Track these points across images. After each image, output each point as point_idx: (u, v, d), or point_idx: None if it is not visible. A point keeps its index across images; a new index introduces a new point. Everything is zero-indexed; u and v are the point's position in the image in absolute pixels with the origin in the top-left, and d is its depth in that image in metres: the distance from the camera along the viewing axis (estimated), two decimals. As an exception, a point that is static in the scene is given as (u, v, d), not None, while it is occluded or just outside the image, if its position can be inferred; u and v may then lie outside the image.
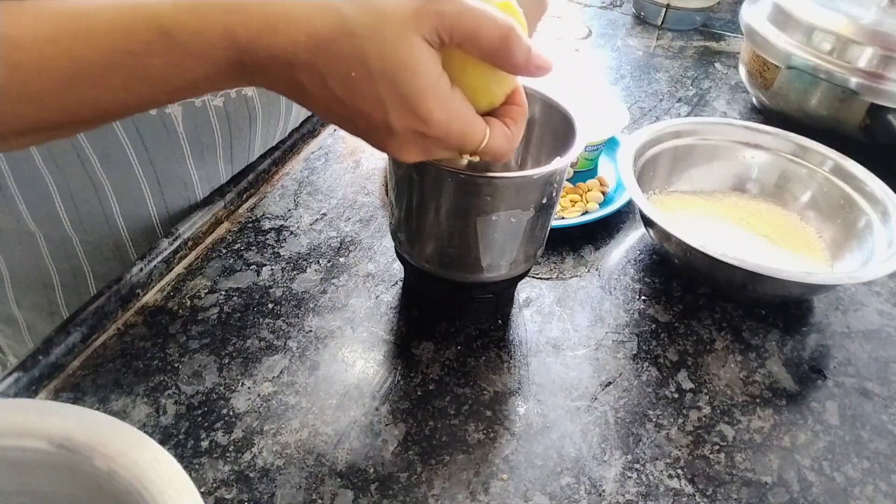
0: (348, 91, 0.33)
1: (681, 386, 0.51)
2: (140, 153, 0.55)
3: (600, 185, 0.70)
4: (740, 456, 0.47)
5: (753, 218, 0.66)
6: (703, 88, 0.92)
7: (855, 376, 0.54)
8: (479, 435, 0.46)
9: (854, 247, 0.61)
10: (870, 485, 0.46)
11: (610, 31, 1.07)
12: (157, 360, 0.49)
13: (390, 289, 0.57)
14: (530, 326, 0.55)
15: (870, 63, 0.73)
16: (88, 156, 0.54)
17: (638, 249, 0.64)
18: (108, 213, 0.58)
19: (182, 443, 0.44)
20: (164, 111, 0.53)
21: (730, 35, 1.08)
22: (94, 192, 0.56)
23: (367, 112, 0.34)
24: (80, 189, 0.56)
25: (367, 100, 0.33)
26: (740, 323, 0.57)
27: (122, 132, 0.53)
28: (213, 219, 0.61)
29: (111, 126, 0.52)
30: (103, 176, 0.56)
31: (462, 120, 0.35)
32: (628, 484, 0.44)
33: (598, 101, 0.75)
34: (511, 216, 0.45)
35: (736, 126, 0.69)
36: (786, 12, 0.79)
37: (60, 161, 0.54)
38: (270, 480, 0.43)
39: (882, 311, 0.60)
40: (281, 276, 0.57)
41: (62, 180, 0.55)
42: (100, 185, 0.56)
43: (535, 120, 0.52)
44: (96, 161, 0.54)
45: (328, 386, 0.49)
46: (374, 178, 0.69)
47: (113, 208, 0.58)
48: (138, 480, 0.30)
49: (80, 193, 0.56)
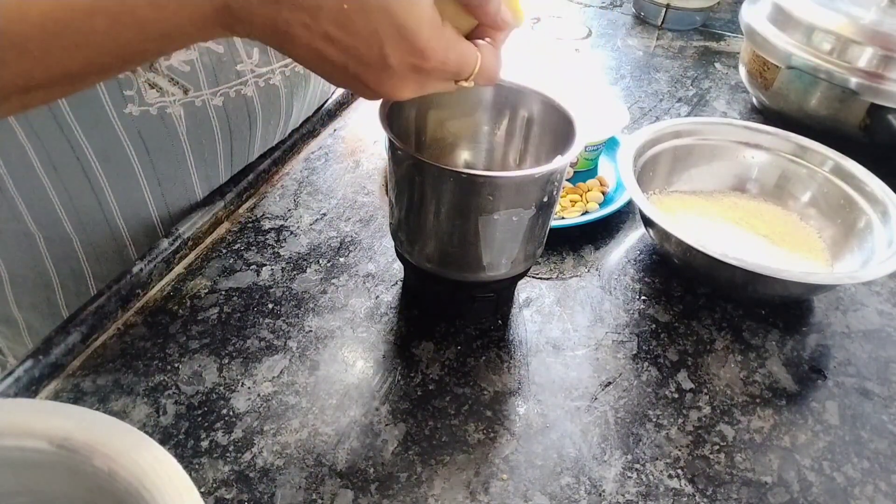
0: (340, 27, 0.32)
1: (681, 386, 0.51)
2: (141, 154, 0.55)
3: (600, 185, 0.70)
4: (740, 456, 0.47)
5: (753, 218, 0.66)
6: (703, 88, 0.92)
7: (855, 376, 0.54)
8: (479, 435, 0.46)
9: (854, 247, 0.61)
10: (870, 485, 0.46)
11: (610, 31, 1.07)
12: (157, 360, 0.49)
13: (390, 289, 0.57)
14: (530, 326, 0.55)
15: (870, 63, 0.73)
16: (87, 157, 0.54)
17: (638, 249, 0.64)
18: (108, 214, 0.58)
19: (182, 443, 0.44)
20: (164, 111, 0.53)
21: (730, 35, 1.08)
22: (94, 194, 0.56)
23: (361, 49, 0.33)
24: (80, 190, 0.56)
25: (360, 34, 0.32)
26: (740, 323, 0.57)
27: (123, 132, 0.53)
28: (213, 219, 0.61)
29: (112, 126, 0.52)
30: (102, 177, 0.56)
31: (457, 48, 0.35)
32: (628, 484, 0.44)
33: (598, 101, 0.75)
34: (513, 215, 0.45)
35: (736, 126, 0.69)
36: (786, 12, 0.79)
37: (59, 163, 0.54)
38: (270, 480, 0.43)
39: (882, 311, 0.60)
40: (281, 276, 0.57)
41: (60, 182, 0.55)
42: (99, 186, 0.56)
43: (535, 119, 0.52)
44: (95, 162, 0.54)
45: (328, 386, 0.49)
46: (374, 178, 0.69)
47: (113, 209, 0.58)
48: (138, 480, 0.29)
49: (80, 195, 0.56)
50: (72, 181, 0.55)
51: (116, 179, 0.56)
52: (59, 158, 0.54)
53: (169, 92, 0.52)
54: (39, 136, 0.52)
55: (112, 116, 0.52)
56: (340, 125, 0.76)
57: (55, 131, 0.52)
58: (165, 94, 0.52)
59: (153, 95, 0.52)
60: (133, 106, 0.52)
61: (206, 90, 0.54)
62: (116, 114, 0.52)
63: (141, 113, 0.52)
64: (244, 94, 0.58)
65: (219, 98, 0.56)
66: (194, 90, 0.54)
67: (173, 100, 0.53)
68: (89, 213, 0.58)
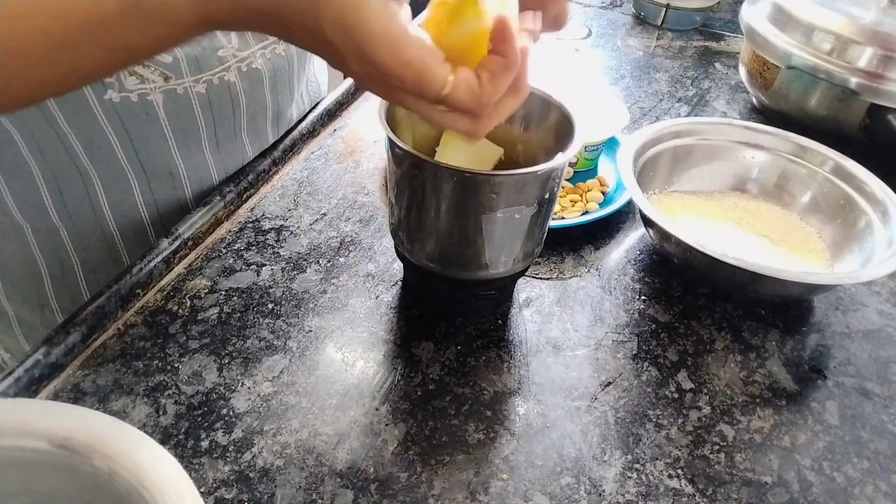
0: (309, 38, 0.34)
1: (681, 386, 0.51)
2: (123, 140, 0.56)
3: (600, 185, 0.70)
4: (740, 456, 0.47)
5: (753, 218, 0.66)
6: (703, 88, 0.92)
7: (855, 376, 0.54)
8: (479, 435, 0.46)
9: (854, 247, 0.61)
10: (870, 485, 0.46)
11: (610, 31, 1.07)
12: (157, 360, 0.49)
13: (390, 289, 0.57)
14: (530, 326, 0.55)
15: (870, 63, 0.73)
16: (72, 143, 0.54)
17: (638, 249, 0.64)
18: (94, 203, 0.59)
19: (182, 443, 0.44)
20: (145, 98, 0.54)
21: (730, 35, 1.08)
22: (81, 181, 0.57)
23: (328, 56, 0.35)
24: (66, 178, 0.56)
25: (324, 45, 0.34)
26: (740, 323, 0.57)
27: (105, 119, 0.53)
28: (213, 219, 0.61)
29: (93, 113, 0.53)
30: (88, 164, 0.56)
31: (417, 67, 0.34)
32: (628, 484, 0.44)
33: (598, 101, 0.75)
34: (515, 212, 0.45)
35: (736, 126, 0.69)
36: (786, 12, 0.79)
37: (45, 150, 0.54)
38: (270, 480, 0.43)
39: (882, 311, 0.60)
40: (281, 276, 0.57)
41: (48, 169, 0.56)
42: (85, 173, 0.56)
43: (535, 117, 0.52)
44: (80, 149, 0.55)
45: (328, 386, 0.49)
46: (374, 178, 0.69)
47: (99, 197, 0.58)
48: (138, 480, 0.29)
49: (66, 182, 0.57)
50: (58, 170, 0.56)
51: (101, 166, 0.57)
52: (45, 146, 0.54)
53: (149, 79, 0.53)
54: (26, 124, 0.53)
55: (93, 103, 0.52)
56: (340, 125, 0.76)
57: (40, 119, 0.52)
58: (145, 82, 0.53)
59: (133, 82, 0.53)
60: (113, 92, 0.52)
61: (188, 78, 0.55)
62: (97, 100, 0.52)
63: (121, 99, 0.53)
64: (227, 80, 0.58)
65: (202, 85, 0.56)
66: (175, 78, 0.54)
67: (153, 87, 0.54)
68: (76, 203, 0.58)
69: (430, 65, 0.34)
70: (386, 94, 0.37)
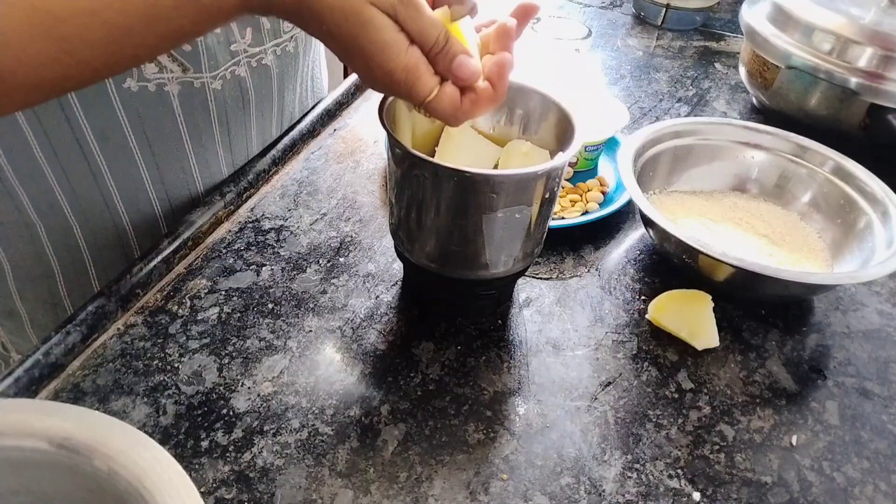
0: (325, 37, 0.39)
1: (681, 386, 0.51)
2: (138, 133, 0.56)
3: (600, 185, 0.70)
4: (740, 456, 0.47)
5: (753, 218, 0.66)
6: (703, 88, 0.92)
7: (855, 376, 0.54)
8: (479, 435, 0.46)
9: (854, 247, 0.61)
10: (870, 485, 0.46)
11: (610, 31, 1.07)
12: (157, 360, 0.49)
13: (390, 289, 0.57)
14: (530, 326, 0.55)
15: (870, 63, 0.73)
16: (87, 138, 0.54)
17: (638, 249, 0.64)
18: (107, 199, 0.59)
19: (182, 443, 0.44)
20: (162, 89, 0.54)
21: (730, 35, 1.08)
22: (93, 179, 0.57)
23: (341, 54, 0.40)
24: (79, 174, 0.56)
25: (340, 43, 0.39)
26: (740, 323, 0.57)
27: (121, 109, 0.54)
28: (213, 219, 0.61)
29: (110, 103, 0.53)
30: (101, 160, 0.56)
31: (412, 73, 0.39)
32: (628, 484, 0.44)
33: (598, 100, 0.75)
34: (515, 212, 0.45)
35: (736, 126, 0.69)
36: (786, 12, 0.79)
37: (58, 149, 0.54)
38: (270, 480, 0.43)
39: (882, 311, 0.60)
40: (281, 276, 0.57)
41: (60, 167, 0.56)
42: (98, 170, 0.56)
43: (535, 117, 0.52)
44: (94, 144, 0.55)
45: (328, 386, 0.49)
46: (374, 178, 0.69)
47: (112, 194, 0.58)
48: (138, 480, 0.30)
49: (79, 179, 0.57)
50: (71, 165, 0.56)
51: (115, 162, 0.57)
52: (58, 141, 0.54)
53: (168, 68, 0.53)
54: (39, 117, 0.52)
55: (111, 91, 0.52)
56: (340, 125, 0.76)
57: (56, 112, 0.52)
58: (164, 70, 0.53)
59: (151, 70, 0.53)
60: (132, 80, 0.52)
61: (206, 73, 0.55)
62: (116, 88, 0.52)
63: (139, 89, 0.53)
64: (238, 76, 0.58)
65: (218, 82, 0.57)
66: (194, 70, 0.54)
67: (171, 76, 0.54)
68: (89, 199, 0.58)
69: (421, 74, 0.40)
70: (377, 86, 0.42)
